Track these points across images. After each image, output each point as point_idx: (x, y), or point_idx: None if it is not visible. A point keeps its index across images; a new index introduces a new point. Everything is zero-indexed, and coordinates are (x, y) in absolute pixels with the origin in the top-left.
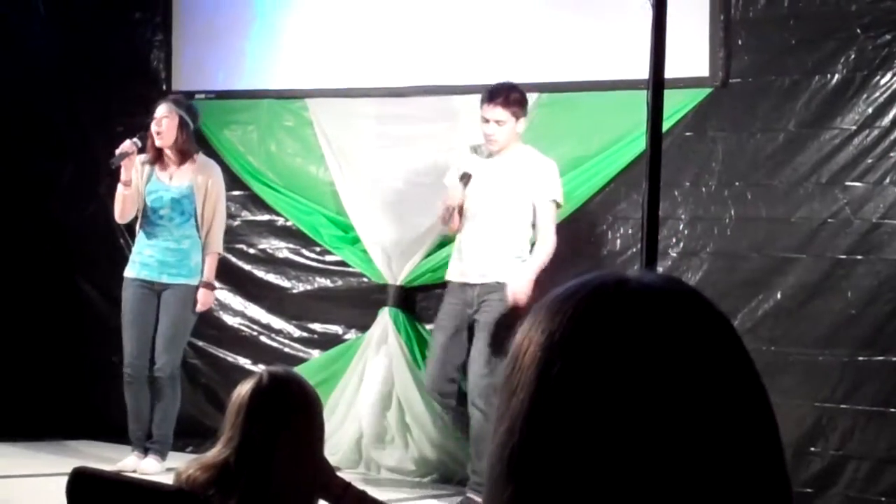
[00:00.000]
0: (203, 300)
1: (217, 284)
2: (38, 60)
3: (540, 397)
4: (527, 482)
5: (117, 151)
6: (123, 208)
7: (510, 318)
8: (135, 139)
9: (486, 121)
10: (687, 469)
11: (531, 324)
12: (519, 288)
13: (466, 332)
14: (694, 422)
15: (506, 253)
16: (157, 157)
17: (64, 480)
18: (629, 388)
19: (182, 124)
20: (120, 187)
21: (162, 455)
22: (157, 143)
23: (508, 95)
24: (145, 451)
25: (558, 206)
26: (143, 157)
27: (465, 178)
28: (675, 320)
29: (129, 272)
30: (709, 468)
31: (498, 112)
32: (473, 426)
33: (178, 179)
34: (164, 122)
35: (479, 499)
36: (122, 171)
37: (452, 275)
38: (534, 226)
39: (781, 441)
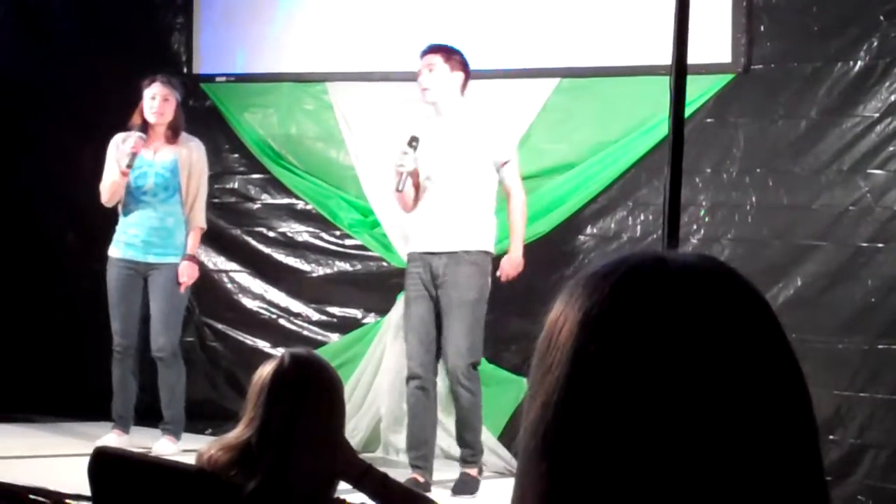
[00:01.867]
0: (188, 273)
1: (228, 266)
2: (59, 44)
3: (576, 375)
4: (562, 459)
5: (130, 152)
6: (115, 194)
7: (480, 291)
8: (139, 134)
9: (420, 72)
10: (721, 450)
11: (567, 300)
12: (512, 266)
13: (434, 303)
14: (729, 403)
15: (468, 217)
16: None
17: (84, 461)
18: (666, 368)
19: (178, 104)
20: (117, 176)
21: (176, 435)
22: (152, 120)
23: (441, 46)
24: (126, 429)
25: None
26: (125, 134)
27: (414, 142)
28: (713, 300)
29: (115, 252)
30: (743, 449)
31: (429, 58)
32: (462, 405)
33: (161, 155)
34: (166, 103)
35: (474, 471)
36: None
37: (415, 246)
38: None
39: (816, 422)
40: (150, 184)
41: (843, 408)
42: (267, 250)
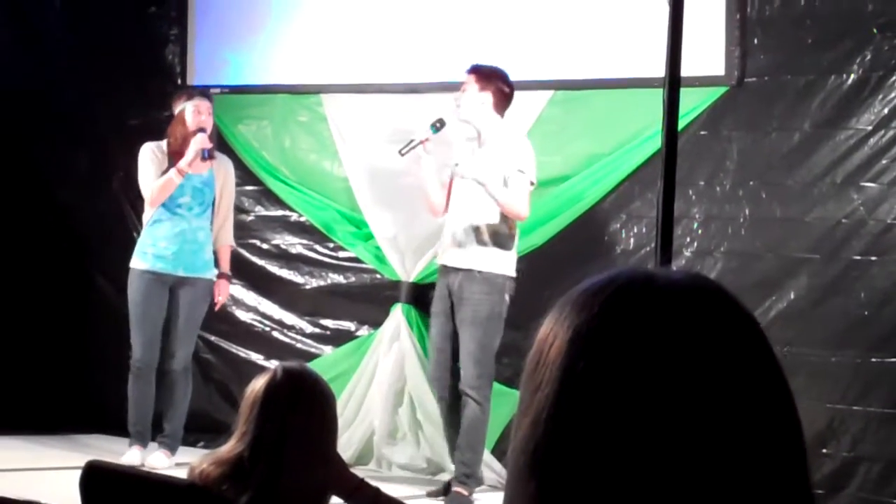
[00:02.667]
0: (224, 292)
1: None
2: (53, 54)
3: (565, 393)
4: (551, 478)
5: (200, 148)
6: (164, 196)
7: (492, 308)
8: (202, 134)
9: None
10: (710, 468)
11: (556, 318)
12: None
13: (452, 318)
14: (718, 421)
15: (482, 235)
16: (181, 148)
17: (76, 474)
18: (655, 387)
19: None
20: (173, 173)
21: (172, 450)
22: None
23: (478, 67)
24: (145, 444)
25: (532, 183)
26: (157, 143)
27: (438, 122)
28: (702, 319)
29: (141, 264)
30: (732, 468)
31: (466, 77)
32: (467, 416)
33: (197, 168)
34: (210, 118)
35: (466, 492)
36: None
37: (440, 258)
38: None
39: (804, 440)
40: (186, 196)
41: (835, 421)
42: (260, 262)
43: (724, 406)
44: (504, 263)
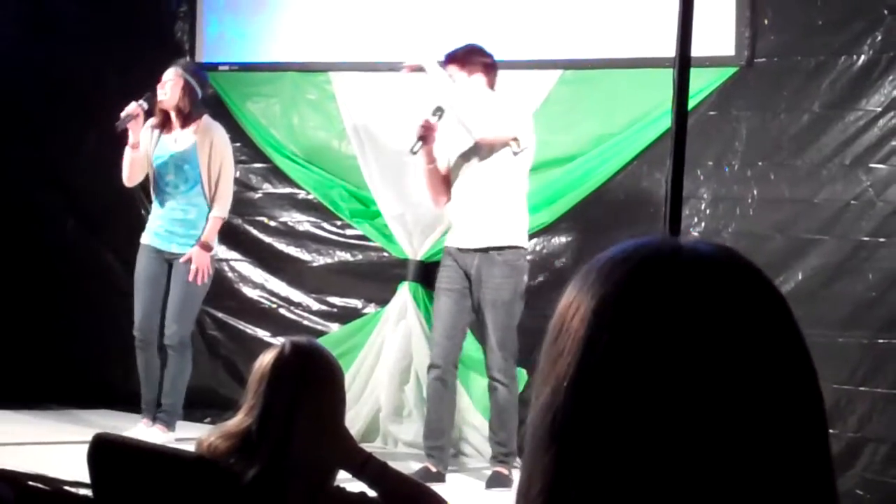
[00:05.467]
0: (197, 260)
1: (229, 255)
2: (62, 30)
3: (588, 362)
4: (569, 446)
5: (123, 113)
6: (131, 172)
7: (514, 290)
8: (140, 101)
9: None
10: (732, 444)
11: (580, 286)
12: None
13: (469, 300)
14: (742, 397)
15: (497, 212)
16: (165, 122)
17: (83, 448)
18: (679, 359)
19: (187, 87)
20: (128, 150)
21: (168, 425)
22: (160, 98)
23: (454, 54)
24: (154, 419)
25: (518, 145)
26: (151, 121)
27: (438, 111)
28: (729, 292)
29: (144, 238)
30: (754, 443)
31: (450, 69)
32: (497, 399)
33: (181, 142)
34: (168, 84)
35: (506, 470)
36: (130, 133)
37: (449, 241)
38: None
39: (826, 416)
40: (169, 172)
41: (842, 401)
42: (268, 240)
43: (749, 382)
44: (517, 235)
